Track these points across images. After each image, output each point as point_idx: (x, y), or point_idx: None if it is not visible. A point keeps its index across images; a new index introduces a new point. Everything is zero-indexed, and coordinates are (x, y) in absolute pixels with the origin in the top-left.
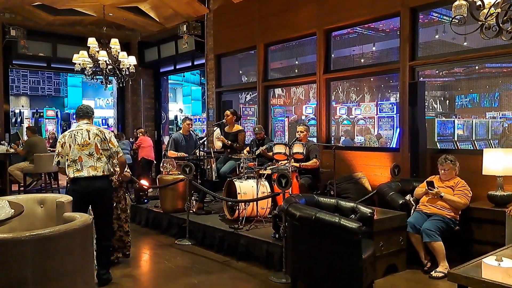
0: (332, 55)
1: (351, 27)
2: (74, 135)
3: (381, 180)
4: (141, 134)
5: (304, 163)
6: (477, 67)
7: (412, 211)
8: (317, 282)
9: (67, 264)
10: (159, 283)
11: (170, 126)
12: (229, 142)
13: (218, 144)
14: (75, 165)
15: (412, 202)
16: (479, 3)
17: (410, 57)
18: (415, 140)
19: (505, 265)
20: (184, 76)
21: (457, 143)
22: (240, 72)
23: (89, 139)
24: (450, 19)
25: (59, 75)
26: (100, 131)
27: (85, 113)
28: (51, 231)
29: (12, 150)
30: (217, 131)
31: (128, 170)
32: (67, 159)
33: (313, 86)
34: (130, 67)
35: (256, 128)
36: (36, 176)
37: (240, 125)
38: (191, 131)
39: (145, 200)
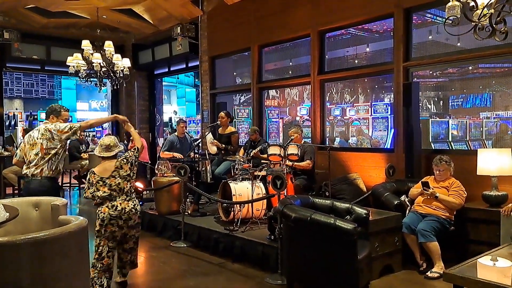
0: (326, 56)
1: (345, 28)
2: (30, 134)
3: (376, 180)
4: None
5: (297, 163)
6: (470, 68)
7: (407, 212)
8: (313, 283)
9: (63, 268)
10: (154, 286)
11: (164, 128)
12: (223, 146)
13: (213, 149)
14: (26, 164)
15: (407, 203)
16: (472, 4)
17: (404, 58)
18: (409, 140)
19: (500, 265)
20: (178, 78)
21: (452, 143)
22: (234, 73)
23: (37, 138)
24: (444, 19)
25: (53, 77)
26: (47, 129)
27: (47, 113)
28: (46, 235)
29: (6, 153)
30: (210, 135)
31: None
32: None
33: (307, 87)
34: (124, 70)
35: (250, 130)
36: None
37: (234, 126)
38: (185, 133)
39: (140, 202)
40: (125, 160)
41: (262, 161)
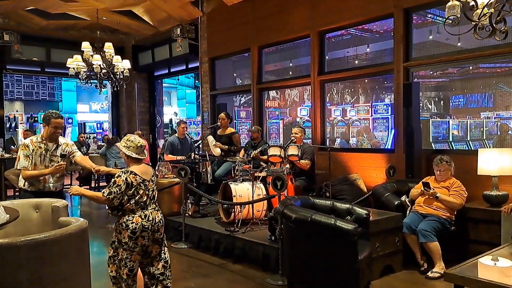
0: (326, 57)
1: (345, 28)
2: None
3: (377, 181)
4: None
5: (296, 161)
6: (471, 68)
7: (407, 212)
8: (314, 284)
9: (62, 269)
10: None
11: (165, 130)
12: (226, 147)
13: (216, 151)
14: None
15: (408, 203)
16: (472, 3)
17: (404, 58)
18: (410, 141)
19: (501, 264)
20: (178, 79)
21: (452, 143)
22: (235, 74)
23: None
24: (444, 19)
25: (54, 79)
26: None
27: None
28: (46, 236)
29: (7, 155)
30: (211, 138)
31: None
32: None
33: (308, 88)
34: (124, 71)
35: (253, 128)
36: None
37: (234, 127)
38: (186, 135)
39: None
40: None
41: (261, 163)
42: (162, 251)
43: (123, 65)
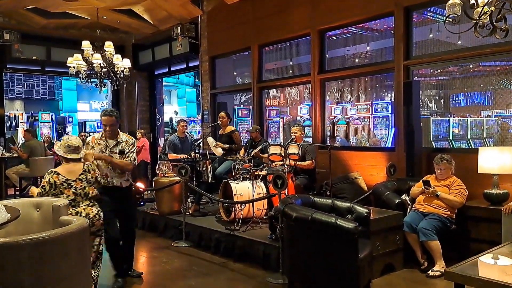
0: (327, 55)
1: (345, 27)
2: None
3: (377, 180)
4: (140, 134)
5: (299, 163)
6: (471, 66)
7: (408, 211)
8: (314, 283)
9: (63, 268)
10: (156, 286)
11: (165, 128)
12: (227, 146)
13: (219, 151)
14: None
15: (408, 202)
16: (472, 1)
17: (405, 56)
18: (410, 139)
19: (502, 263)
20: (178, 78)
21: (453, 142)
22: (235, 73)
23: None
24: (444, 18)
25: (54, 78)
26: None
27: None
28: (47, 235)
29: (7, 154)
30: (210, 139)
31: None
32: None
33: (308, 86)
34: (125, 70)
35: (251, 128)
36: (30, 179)
37: (235, 126)
38: (186, 133)
39: (141, 203)
40: (92, 169)
41: (263, 161)
42: (95, 242)
43: (123, 64)
